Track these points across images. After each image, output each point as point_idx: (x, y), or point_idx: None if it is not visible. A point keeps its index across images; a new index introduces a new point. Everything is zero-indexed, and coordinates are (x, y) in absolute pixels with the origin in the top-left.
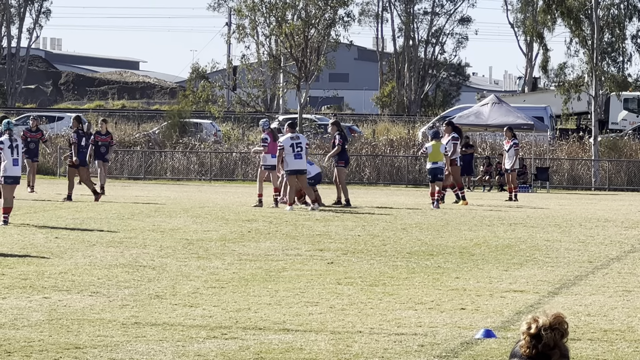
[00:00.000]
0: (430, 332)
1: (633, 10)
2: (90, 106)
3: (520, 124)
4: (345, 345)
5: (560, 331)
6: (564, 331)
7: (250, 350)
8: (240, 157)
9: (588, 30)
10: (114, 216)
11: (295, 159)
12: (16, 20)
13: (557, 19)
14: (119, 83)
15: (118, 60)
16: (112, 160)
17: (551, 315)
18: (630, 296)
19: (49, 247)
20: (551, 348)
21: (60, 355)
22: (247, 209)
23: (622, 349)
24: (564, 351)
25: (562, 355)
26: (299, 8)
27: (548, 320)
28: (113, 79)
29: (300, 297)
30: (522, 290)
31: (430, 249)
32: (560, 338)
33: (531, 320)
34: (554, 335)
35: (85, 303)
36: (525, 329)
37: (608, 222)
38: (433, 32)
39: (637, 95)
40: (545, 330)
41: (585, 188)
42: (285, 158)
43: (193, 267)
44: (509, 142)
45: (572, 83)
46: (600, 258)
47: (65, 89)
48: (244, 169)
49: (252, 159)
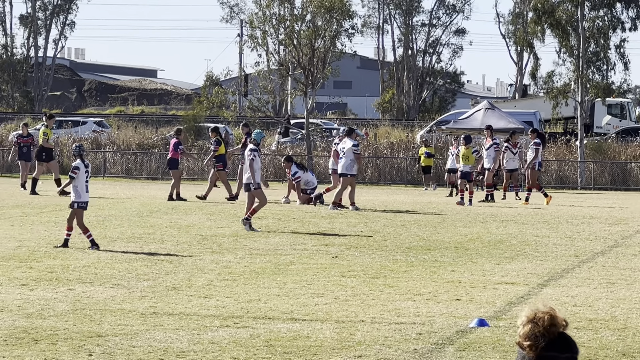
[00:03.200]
0: (427, 321)
1: (616, 22)
2: (112, 111)
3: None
4: (348, 334)
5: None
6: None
7: (260, 338)
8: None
9: (575, 40)
10: (133, 214)
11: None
12: (43, 31)
13: (547, 30)
14: (139, 90)
15: (137, 68)
16: (132, 161)
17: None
18: (613, 288)
19: (74, 242)
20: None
21: (83, 343)
22: None
23: (606, 336)
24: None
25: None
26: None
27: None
28: (133, 86)
29: (307, 288)
30: (513, 282)
31: (427, 244)
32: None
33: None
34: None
35: (107, 294)
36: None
37: (593, 219)
38: (430, 42)
39: (620, 101)
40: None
41: (572, 187)
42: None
43: (207, 261)
44: (489, 141)
45: (560, 90)
46: (586, 252)
47: (88, 95)
48: None
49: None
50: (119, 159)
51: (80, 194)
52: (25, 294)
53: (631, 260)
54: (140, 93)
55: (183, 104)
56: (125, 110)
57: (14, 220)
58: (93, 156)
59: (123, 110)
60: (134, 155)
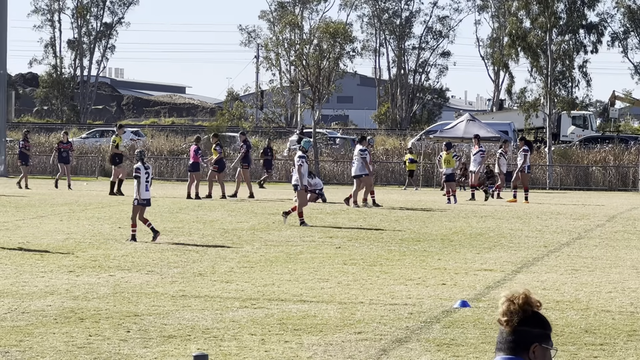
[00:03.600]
0: (417, 302)
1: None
2: (146, 122)
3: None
4: (350, 313)
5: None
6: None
7: (274, 317)
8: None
9: (544, 61)
10: (165, 210)
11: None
12: (87, 54)
13: (520, 52)
14: (169, 104)
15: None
16: (164, 165)
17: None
18: (577, 274)
19: (114, 235)
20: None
21: (122, 321)
22: (273, 204)
23: (570, 316)
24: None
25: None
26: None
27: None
28: (164, 100)
29: (314, 274)
30: (491, 269)
31: (417, 236)
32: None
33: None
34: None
35: (143, 279)
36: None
37: (560, 215)
38: (420, 63)
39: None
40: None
41: (542, 188)
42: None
43: (228, 251)
44: (476, 148)
45: (531, 104)
46: (554, 243)
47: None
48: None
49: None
50: (153, 164)
51: (140, 193)
52: (72, 279)
53: (592, 250)
54: (171, 107)
55: (208, 116)
56: (158, 121)
57: (62, 215)
58: (130, 161)
59: (156, 122)
60: (166, 160)
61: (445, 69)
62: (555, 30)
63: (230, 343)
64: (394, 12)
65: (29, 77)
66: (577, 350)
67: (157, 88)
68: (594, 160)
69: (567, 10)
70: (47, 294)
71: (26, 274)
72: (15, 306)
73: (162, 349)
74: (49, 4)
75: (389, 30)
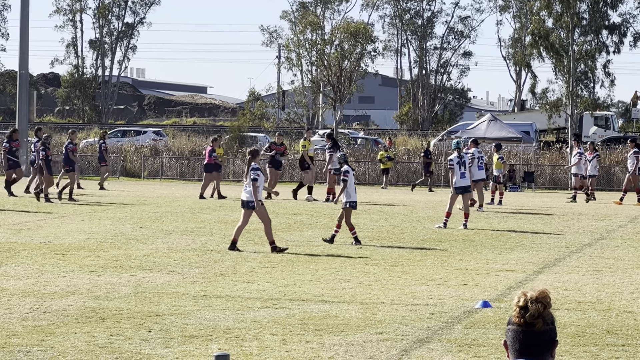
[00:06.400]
0: (439, 303)
1: (602, 46)
2: (168, 123)
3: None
4: (371, 314)
5: (544, 303)
6: (546, 303)
7: (295, 317)
8: (287, 163)
9: (566, 61)
10: (187, 210)
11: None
12: (109, 54)
13: (542, 52)
14: (191, 104)
15: (190, 85)
16: (185, 165)
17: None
18: (599, 275)
19: (135, 235)
20: (536, 317)
21: (144, 321)
22: (294, 204)
23: (592, 316)
24: (548, 320)
25: (545, 323)
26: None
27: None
28: (186, 100)
29: (336, 275)
30: (512, 269)
31: (439, 237)
32: (543, 309)
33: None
34: (539, 306)
35: (164, 279)
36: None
37: (581, 215)
38: (442, 63)
39: (605, 114)
40: (531, 303)
41: (563, 188)
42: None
43: (250, 251)
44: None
45: (553, 104)
46: (575, 244)
47: (148, 109)
48: (290, 173)
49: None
50: (174, 164)
51: (350, 194)
52: (93, 279)
53: (614, 250)
54: (192, 107)
55: (229, 116)
56: (179, 121)
57: (84, 215)
58: (152, 161)
59: (178, 122)
60: (187, 160)
61: (466, 69)
62: (578, 31)
63: (251, 343)
64: (415, 12)
65: (50, 77)
66: (599, 351)
67: (178, 88)
68: (616, 160)
69: (590, 11)
70: (69, 294)
71: (48, 274)
72: (37, 306)
73: (183, 349)
74: (70, 4)
75: (411, 31)
